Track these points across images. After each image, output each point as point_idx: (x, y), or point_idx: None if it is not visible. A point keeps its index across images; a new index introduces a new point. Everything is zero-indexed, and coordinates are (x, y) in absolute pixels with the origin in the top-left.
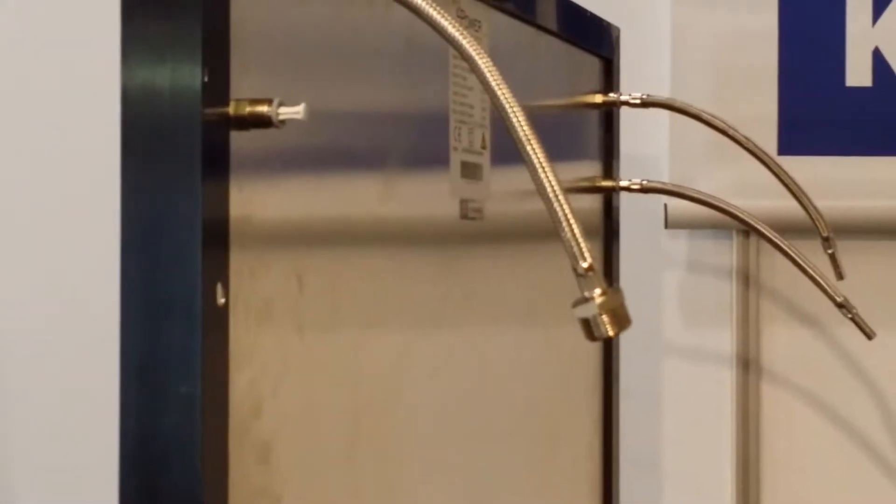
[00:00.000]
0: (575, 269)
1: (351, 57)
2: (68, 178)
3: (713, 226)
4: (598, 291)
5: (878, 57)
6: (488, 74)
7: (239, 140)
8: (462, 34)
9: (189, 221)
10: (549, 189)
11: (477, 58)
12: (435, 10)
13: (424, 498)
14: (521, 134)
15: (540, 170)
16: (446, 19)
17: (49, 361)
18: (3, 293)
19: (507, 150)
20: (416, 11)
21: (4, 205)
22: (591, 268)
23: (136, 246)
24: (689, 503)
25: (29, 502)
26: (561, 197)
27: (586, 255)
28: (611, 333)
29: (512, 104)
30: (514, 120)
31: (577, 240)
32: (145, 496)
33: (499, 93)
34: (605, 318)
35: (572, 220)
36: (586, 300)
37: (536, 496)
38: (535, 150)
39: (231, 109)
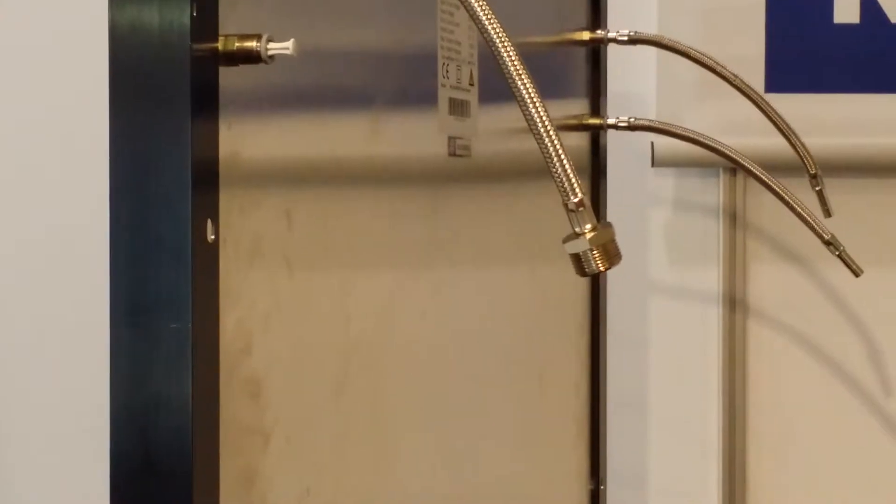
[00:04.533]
0: (565, 204)
1: None
2: (56, 119)
3: (700, 164)
4: (588, 226)
5: None
6: (479, 9)
7: (227, 77)
8: None
9: (179, 158)
10: (539, 124)
11: None
12: None
13: (412, 436)
14: (512, 69)
15: (531, 104)
16: None
17: (39, 309)
18: None
19: (494, 89)
20: None
21: None
22: (581, 203)
23: (126, 184)
24: (675, 442)
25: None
26: (552, 132)
27: (577, 189)
28: (601, 268)
29: (503, 39)
30: (505, 55)
31: (567, 175)
32: (137, 434)
33: (489, 27)
34: (595, 253)
35: (563, 155)
36: (577, 235)
37: (524, 436)
38: (525, 85)
39: (220, 45)
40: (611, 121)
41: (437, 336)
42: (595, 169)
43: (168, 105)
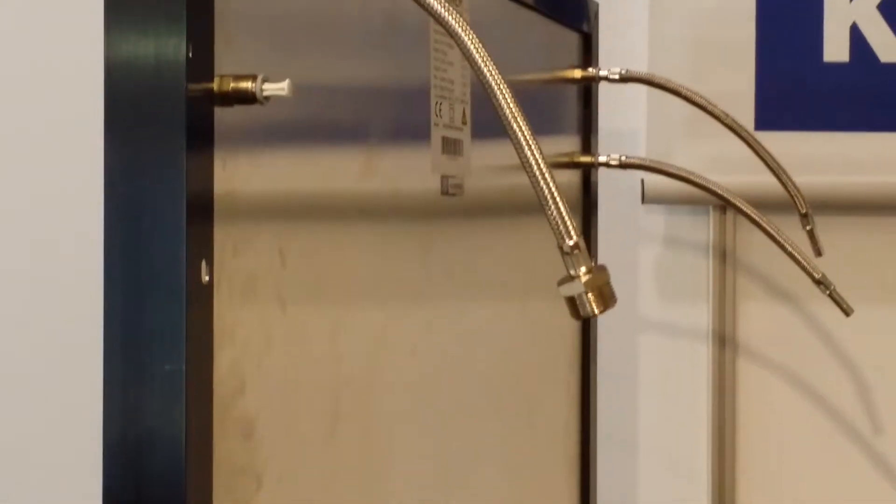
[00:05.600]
0: (560, 247)
1: (333, 32)
2: (51, 156)
3: (690, 201)
4: (583, 269)
5: (855, 32)
6: (475, 51)
7: (221, 115)
8: (447, 10)
9: (174, 199)
10: (535, 166)
11: (463, 34)
12: None
13: (404, 474)
14: (508, 112)
15: (526, 147)
16: None
17: (31, 338)
18: None
19: (486, 125)
20: None
21: None
22: (576, 245)
23: (120, 223)
24: (665, 478)
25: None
26: (547, 174)
27: (572, 232)
28: (596, 312)
29: (498, 81)
30: (501, 97)
31: (563, 217)
32: (130, 474)
33: (485, 69)
34: (590, 296)
35: (558, 198)
36: (572, 278)
37: (514, 472)
38: (521, 128)
39: (215, 85)
40: (602, 159)
41: (428, 373)
42: (586, 206)
43: (163, 145)
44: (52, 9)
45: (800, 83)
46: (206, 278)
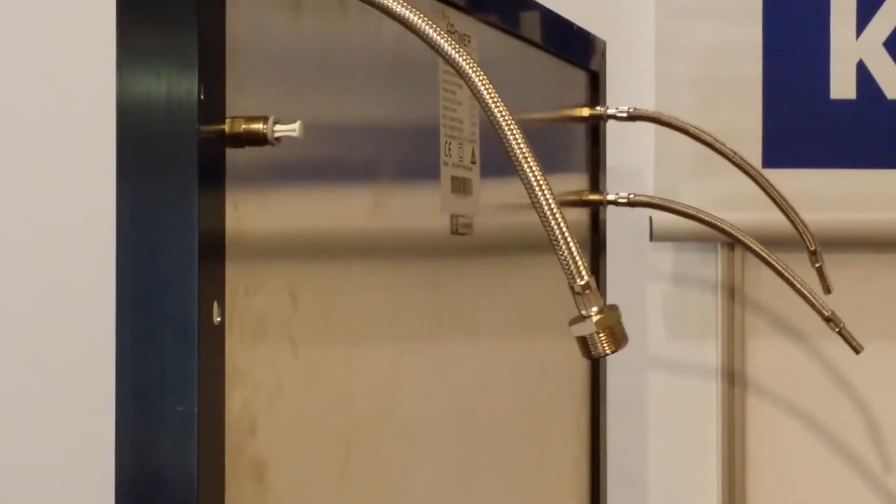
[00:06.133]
0: (572, 287)
1: (342, 71)
2: (64, 196)
3: (698, 239)
4: (595, 309)
5: (862, 69)
6: (484, 90)
7: (232, 156)
8: (458, 51)
9: (185, 241)
10: (546, 207)
11: (473, 74)
12: (430, 27)
13: None
14: (518, 151)
15: (537, 187)
16: (441, 36)
17: (45, 376)
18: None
19: (495, 164)
20: (412, 29)
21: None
22: (588, 285)
23: (133, 265)
24: None
25: None
26: (558, 215)
27: (584, 272)
28: (608, 351)
29: (509, 122)
30: (511, 138)
31: (574, 257)
32: None
33: (495, 109)
34: (602, 336)
35: (569, 238)
36: (583, 318)
37: None
38: (531, 168)
39: (227, 127)
40: (610, 197)
41: (438, 412)
42: (595, 244)
43: (175, 186)
44: (65, 50)
45: (807, 120)
46: (218, 319)
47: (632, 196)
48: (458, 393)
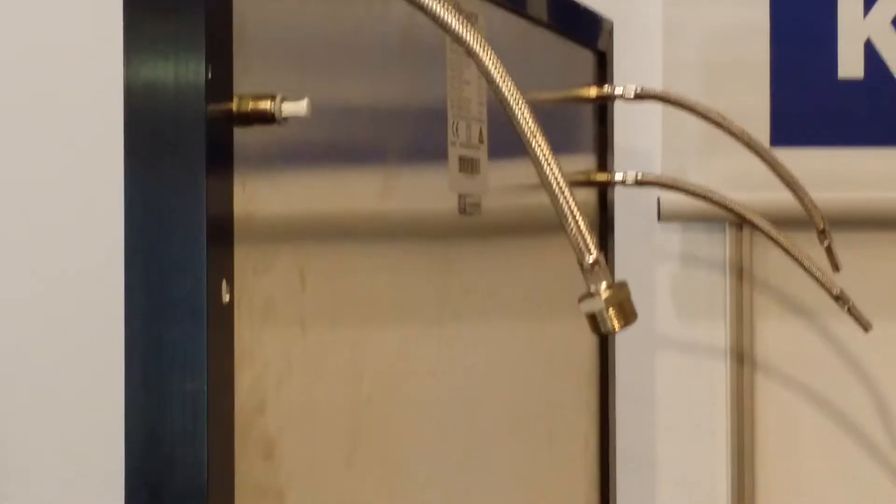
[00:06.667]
0: (581, 263)
1: (349, 52)
2: (72, 177)
3: (706, 218)
4: (604, 285)
5: (869, 48)
6: (492, 68)
7: (241, 137)
8: (466, 29)
9: (194, 219)
10: (554, 184)
11: (480, 51)
12: (438, 5)
13: (424, 494)
14: (526, 128)
15: (545, 164)
16: (449, 13)
17: (53, 362)
18: (7, 294)
19: (502, 145)
20: (420, 7)
21: (6, 204)
22: (597, 262)
23: (141, 244)
24: (684, 497)
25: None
26: (566, 191)
27: (592, 248)
28: (617, 328)
29: (517, 99)
30: (519, 115)
31: (583, 234)
32: (151, 494)
33: (503, 88)
34: (611, 312)
35: (578, 215)
36: (592, 295)
37: (534, 490)
38: (540, 145)
39: (234, 106)
40: (618, 177)
41: (447, 392)
42: (603, 225)
43: (183, 166)
44: (71, 31)
45: (815, 100)
46: (227, 298)
47: (640, 176)
48: (466, 373)
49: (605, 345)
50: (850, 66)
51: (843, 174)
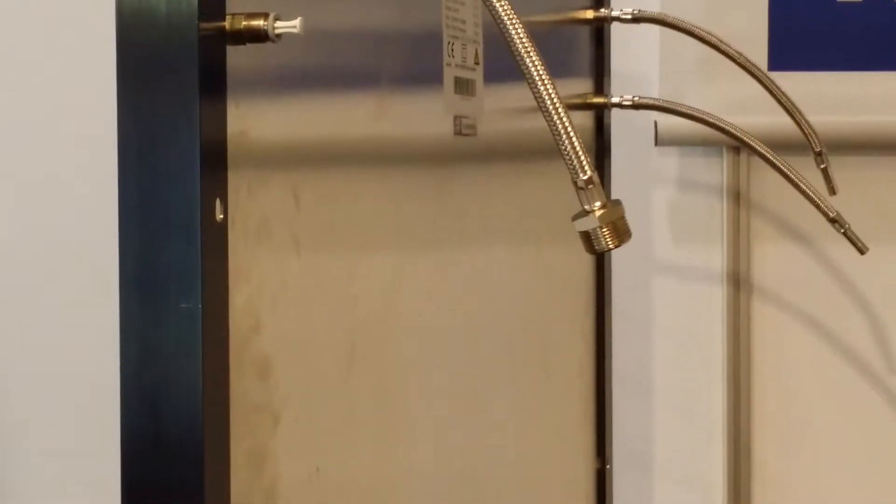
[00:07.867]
0: (575, 182)
1: None
2: (63, 102)
3: (704, 142)
4: (598, 204)
5: None
6: None
7: (234, 56)
8: None
9: (188, 137)
10: (548, 102)
11: None
12: None
13: (419, 416)
14: (521, 47)
15: (539, 83)
16: None
17: (44, 299)
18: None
19: (499, 68)
20: None
21: None
22: (591, 180)
23: (135, 163)
24: (679, 421)
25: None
26: (561, 109)
27: (586, 167)
28: (611, 246)
29: (511, 17)
30: (514, 33)
31: (577, 152)
32: (148, 414)
33: (498, 6)
34: (605, 230)
35: (572, 133)
36: (586, 213)
37: (530, 415)
38: (534, 63)
39: (227, 24)
40: (615, 100)
41: (443, 316)
42: (599, 148)
43: (176, 85)
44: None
45: (813, 23)
46: (221, 217)
47: (636, 98)
48: (461, 296)
49: (601, 269)
50: None
51: (840, 98)
